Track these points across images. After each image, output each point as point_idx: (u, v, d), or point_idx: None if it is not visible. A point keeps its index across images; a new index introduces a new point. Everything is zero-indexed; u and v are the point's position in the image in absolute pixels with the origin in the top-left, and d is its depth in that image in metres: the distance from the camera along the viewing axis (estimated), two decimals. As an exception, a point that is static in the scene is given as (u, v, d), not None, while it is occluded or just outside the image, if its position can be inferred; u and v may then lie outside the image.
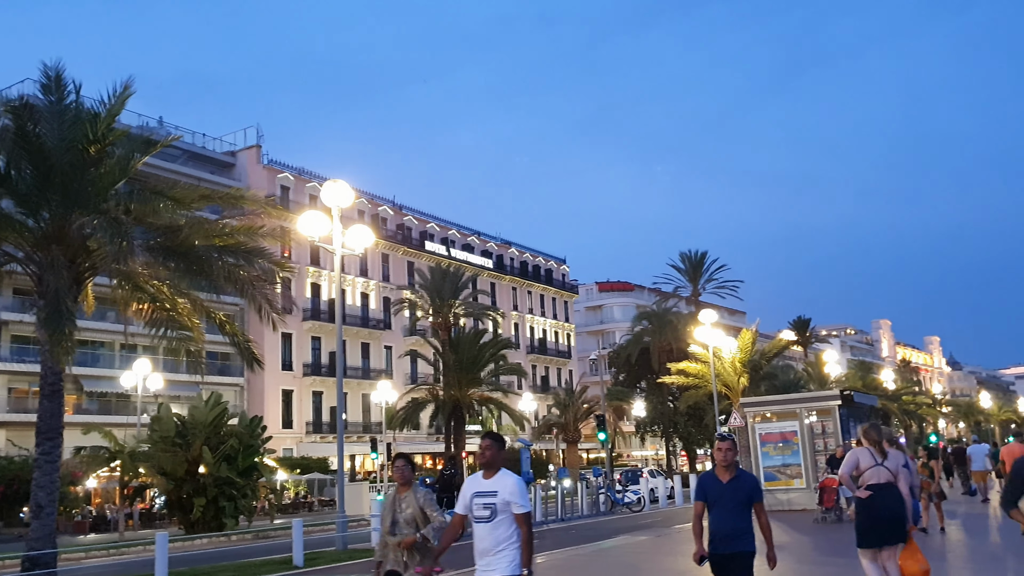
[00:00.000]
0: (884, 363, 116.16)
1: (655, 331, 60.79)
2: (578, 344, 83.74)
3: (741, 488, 6.43)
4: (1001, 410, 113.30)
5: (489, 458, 5.90)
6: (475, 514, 5.80)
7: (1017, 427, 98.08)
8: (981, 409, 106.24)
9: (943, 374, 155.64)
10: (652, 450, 76.15)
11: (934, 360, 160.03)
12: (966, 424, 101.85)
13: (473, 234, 72.51)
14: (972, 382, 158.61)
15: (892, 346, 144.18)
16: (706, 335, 37.65)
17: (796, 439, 23.65)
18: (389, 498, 7.03)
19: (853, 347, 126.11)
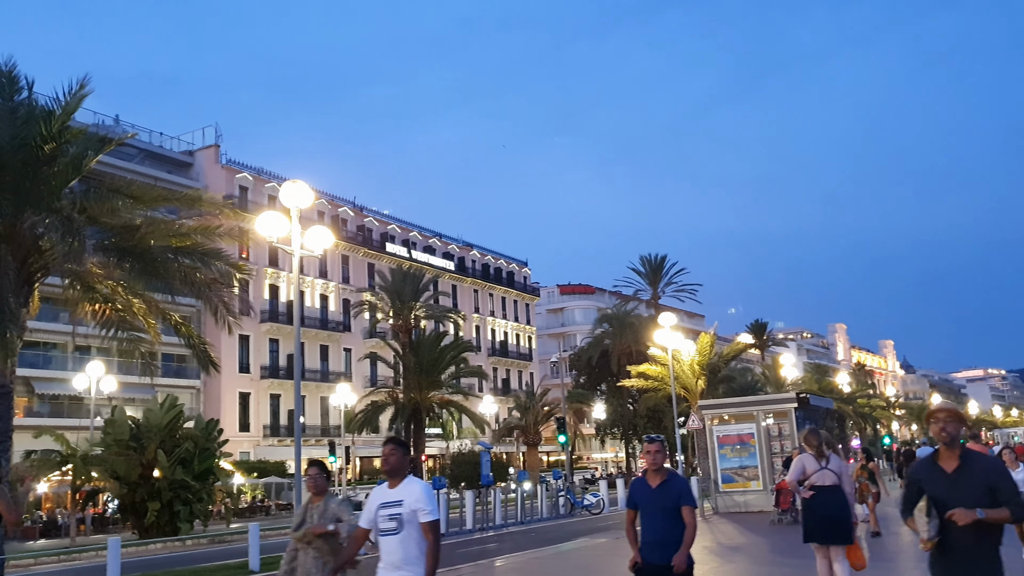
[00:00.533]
0: (840, 366, 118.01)
1: (615, 334, 61.13)
2: (539, 347, 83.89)
3: (670, 493, 6.11)
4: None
5: (393, 464, 5.46)
6: (381, 527, 5.39)
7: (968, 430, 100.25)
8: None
9: (897, 377, 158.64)
10: (612, 452, 76.53)
11: (888, 363, 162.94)
12: (919, 426, 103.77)
13: (434, 236, 72.32)
14: (925, 385, 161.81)
15: (847, 350, 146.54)
16: (665, 338, 37.83)
17: (753, 441, 23.90)
18: (301, 508, 6.73)
19: (809, 350, 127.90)
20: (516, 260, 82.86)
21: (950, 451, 4.78)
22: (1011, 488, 4.68)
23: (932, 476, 4.84)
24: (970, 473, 4.72)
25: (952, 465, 4.76)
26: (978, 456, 4.81)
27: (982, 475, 4.69)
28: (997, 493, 4.63)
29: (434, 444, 55.22)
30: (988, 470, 4.73)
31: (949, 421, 4.80)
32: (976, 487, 4.65)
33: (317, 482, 6.66)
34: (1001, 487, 4.66)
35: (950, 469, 4.76)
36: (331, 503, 6.65)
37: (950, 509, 4.60)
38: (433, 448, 55.58)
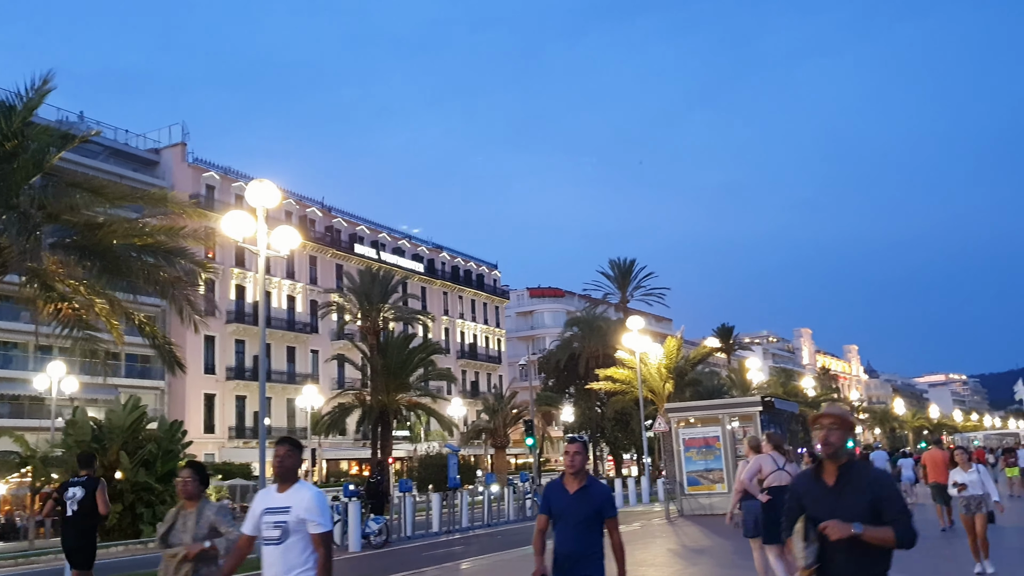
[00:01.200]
0: (805, 370, 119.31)
1: (584, 337, 61.30)
2: (509, 349, 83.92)
3: (589, 501, 5.41)
4: (915, 417, 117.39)
5: (288, 467, 4.97)
6: (264, 534, 4.90)
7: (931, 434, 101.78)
8: (896, 416, 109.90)
9: (861, 382, 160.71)
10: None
11: (852, 368, 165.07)
12: (882, 430, 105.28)
13: (404, 238, 72.08)
14: (888, 389, 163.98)
15: (812, 354, 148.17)
16: (633, 341, 38.04)
17: (718, 444, 24.10)
18: (170, 515, 5.94)
19: (775, 354, 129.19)
20: (486, 263, 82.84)
21: (833, 463, 4.16)
22: (898, 505, 4.05)
23: (813, 491, 4.21)
24: (853, 487, 4.10)
25: (834, 478, 4.16)
26: (863, 467, 4.19)
27: (867, 489, 4.06)
28: (882, 510, 4.02)
29: (402, 446, 55.01)
30: (874, 483, 4.08)
31: (833, 428, 4.17)
32: (859, 503, 4.03)
33: (188, 487, 5.79)
34: (887, 503, 4.04)
35: (832, 483, 4.15)
36: (206, 511, 5.81)
37: None
38: (401, 450, 55.36)
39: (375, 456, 40.57)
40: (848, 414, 4.37)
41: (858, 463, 4.20)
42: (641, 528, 21.50)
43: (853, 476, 4.14)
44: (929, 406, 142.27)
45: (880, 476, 4.17)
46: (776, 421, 26.62)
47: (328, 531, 4.89)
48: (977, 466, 11.86)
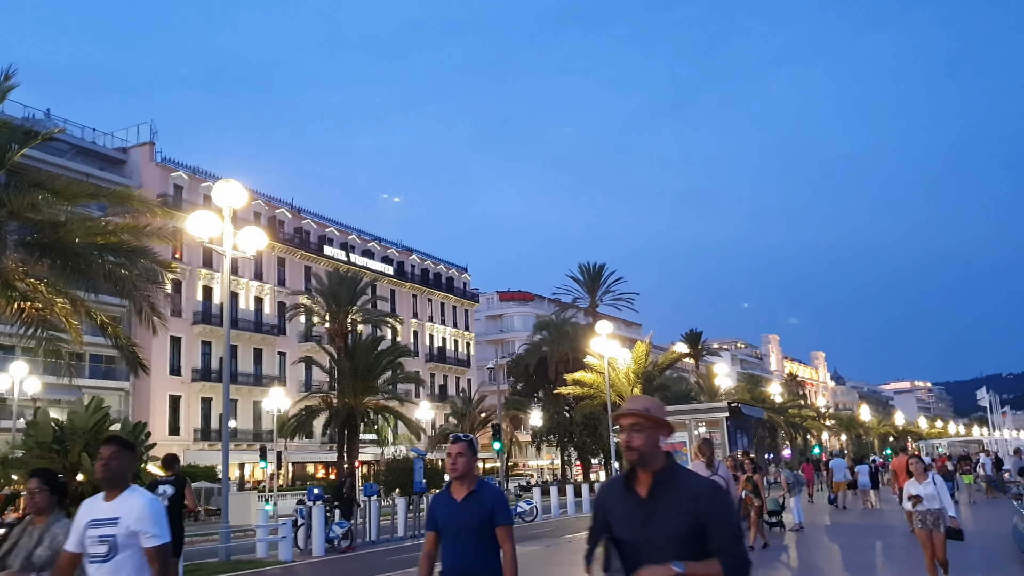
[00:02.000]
0: (772, 377, 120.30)
1: (553, 341, 61.38)
2: (478, 353, 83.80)
3: (478, 508, 4.67)
4: (880, 423, 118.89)
5: (114, 471, 4.27)
6: (89, 551, 4.19)
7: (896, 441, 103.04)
8: (862, 422, 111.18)
9: (827, 388, 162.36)
10: (548, 460, 76.75)
11: (819, 375, 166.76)
12: (848, 436, 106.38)
13: (373, 240, 71.75)
14: (854, 396, 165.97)
15: (780, 360, 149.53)
16: (602, 346, 38.18)
17: (685, 450, 24.17)
18: (15, 531, 5.20)
19: (743, 360, 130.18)
20: (456, 266, 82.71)
21: (646, 472, 3.25)
22: (728, 530, 3.12)
23: (620, 506, 3.29)
24: (670, 503, 3.17)
25: (647, 489, 3.24)
26: (685, 477, 3.24)
27: (687, 506, 3.13)
28: (707, 533, 3.11)
29: (368, 450, 54.69)
30: (698, 499, 3.14)
31: (636, 429, 3.25)
32: (677, 523, 3.13)
33: (36, 499, 5.03)
34: (714, 526, 3.11)
35: (645, 495, 3.24)
36: (55, 527, 4.96)
37: (639, 553, 3.16)
38: (368, 454, 55.03)
39: (341, 460, 40.29)
40: (656, 407, 3.35)
41: (679, 472, 3.26)
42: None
43: (670, 488, 3.20)
44: (895, 413, 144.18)
45: (706, 490, 3.19)
46: (743, 427, 26.81)
47: (164, 543, 4.22)
48: (934, 477, 10.71)
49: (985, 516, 23.17)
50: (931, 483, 10.51)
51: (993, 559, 14.53)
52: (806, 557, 15.74)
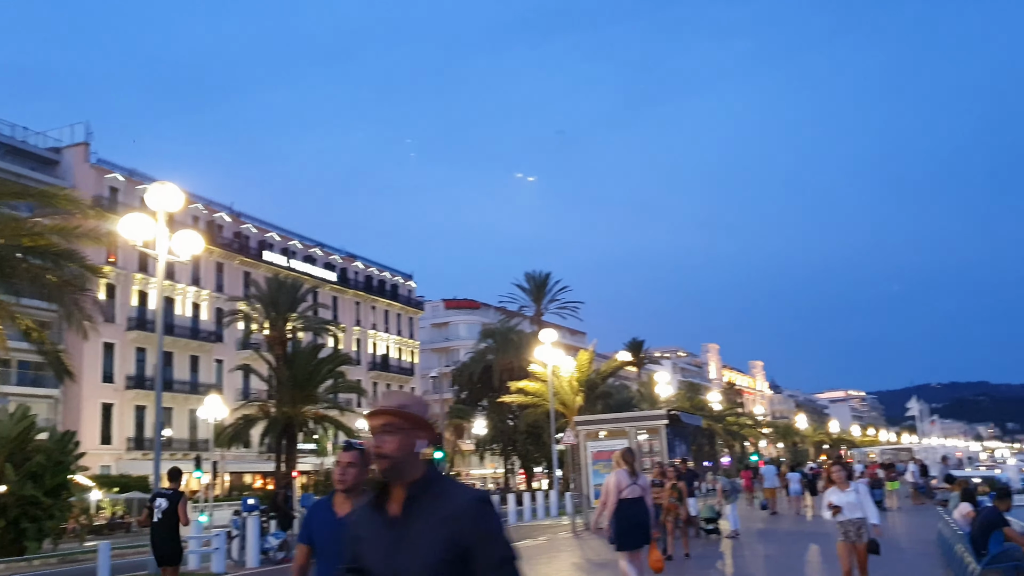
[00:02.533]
0: (712, 385, 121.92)
1: (499, 349, 61.32)
2: (422, 361, 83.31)
3: None
4: (816, 431, 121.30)
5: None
6: None
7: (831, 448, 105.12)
8: (798, 430, 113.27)
9: (765, 397, 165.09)
10: (491, 468, 76.62)
11: (757, 383, 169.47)
12: (784, 444, 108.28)
13: (316, 245, 70.88)
14: (791, 405, 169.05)
15: (719, 369, 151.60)
16: (546, 354, 38.22)
17: (625, 457, 24.29)
18: None
19: (684, 369, 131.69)
20: (401, 273, 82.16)
21: (399, 485, 2.69)
22: (499, 550, 2.61)
23: (370, 529, 2.73)
24: (426, 521, 2.62)
25: (400, 507, 2.69)
26: (449, 489, 2.68)
27: (448, 524, 2.59)
28: (473, 558, 2.58)
29: (308, 460, 53.93)
30: (460, 514, 2.61)
31: (387, 433, 2.69)
32: (434, 547, 2.58)
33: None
34: (480, 546, 2.59)
35: (397, 513, 2.69)
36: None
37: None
38: (307, 464, 54.25)
39: (279, 469, 39.63)
40: (417, 404, 2.78)
41: (439, 483, 2.70)
42: (547, 542, 21.50)
43: (427, 504, 2.64)
44: (829, 421, 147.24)
45: (469, 505, 2.63)
46: (681, 435, 27.08)
47: None
48: (856, 485, 10.23)
49: (911, 522, 23.75)
50: (853, 491, 9.96)
51: (918, 565, 14.85)
52: (740, 564, 15.92)
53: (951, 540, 13.59)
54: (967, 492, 15.68)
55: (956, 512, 14.93)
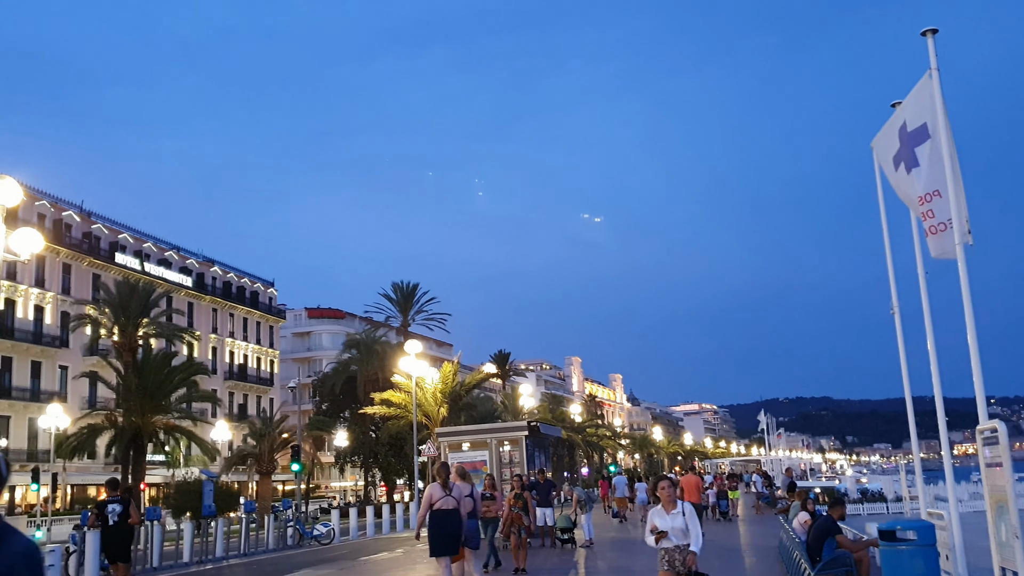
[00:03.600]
0: (574, 397, 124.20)
1: (363, 360, 60.42)
2: (283, 371, 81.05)
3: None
4: (670, 443, 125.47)
5: None
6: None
7: (684, 460, 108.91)
8: (654, 442, 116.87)
9: (624, 409, 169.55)
10: (352, 481, 75.33)
11: (616, 396, 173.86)
12: (641, 455, 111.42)
13: (172, 248, 67.97)
14: (648, 417, 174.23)
15: (581, 381, 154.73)
16: (411, 365, 37.99)
17: (485, 468, 24.36)
18: None
19: (548, 381, 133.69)
20: (262, 280, 79.85)
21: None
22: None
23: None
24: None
25: None
26: None
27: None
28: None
29: (158, 472, 51.50)
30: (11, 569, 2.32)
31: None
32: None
33: None
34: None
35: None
36: None
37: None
38: (156, 476, 51.81)
39: (126, 482, 37.61)
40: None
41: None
42: (403, 554, 21.31)
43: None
44: (684, 433, 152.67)
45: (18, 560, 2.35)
46: (541, 445, 27.42)
47: None
48: (683, 505, 8.31)
49: (755, 531, 24.87)
50: (680, 513, 8.15)
51: (759, 571, 15.55)
52: (592, 574, 16.22)
53: (790, 547, 14.32)
54: (806, 501, 16.56)
55: (795, 521, 15.73)
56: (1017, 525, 6.65)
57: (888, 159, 10.84)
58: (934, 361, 11.62)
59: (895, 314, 13.46)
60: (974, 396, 9.46)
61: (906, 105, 10.19)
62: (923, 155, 9.44)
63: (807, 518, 14.32)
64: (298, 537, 29.55)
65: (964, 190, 9.12)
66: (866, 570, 11.20)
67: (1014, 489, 7.03)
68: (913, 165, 9.69)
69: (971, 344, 8.95)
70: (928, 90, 9.43)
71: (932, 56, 9.52)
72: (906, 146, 9.86)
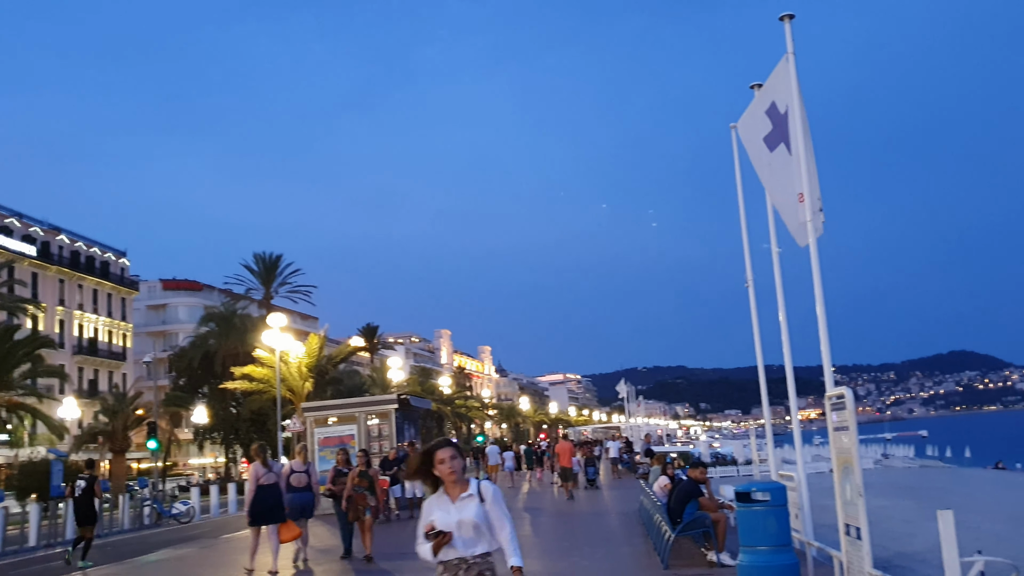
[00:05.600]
0: (443, 370, 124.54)
1: (222, 334, 58.50)
2: (136, 345, 77.35)
3: None
4: (536, 412, 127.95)
5: None
6: None
7: (550, 428, 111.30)
8: (521, 412, 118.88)
9: (492, 380, 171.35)
10: (211, 458, 73.07)
11: (485, 367, 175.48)
12: (508, 425, 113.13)
13: (12, 215, 63.44)
14: (515, 388, 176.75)
15: (451, 354, 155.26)
16: (275, 339, 37.08)
17: (353, 443, 24.14)
18: None
19: (417, 354, 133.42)
20: (113, 249, 75.72)
21: None
22: None
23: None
24: None
25: None
26: None
27: None
28: None
29: (0, 452, 48.43)
30: None
31: None
32: None
33: None
34: None
35: None
36: None
37: None
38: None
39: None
40: None
41: None
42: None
43: None
44: (549, 403, 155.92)
45: None
46: (411, 418, 27.40)
47: None
48: (480, 487, 4.57)
49: (618, 496, 25.77)
50: (473, 498, 4.55)
51: (619, 534, 16.13)
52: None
53: (651, 511, 14.90)
54: (665, 466, 17.23)
55: (656, 485, 16.36)
56: (861, 484, 7.15)
57: (758, 139, 11.27)
58: (785, 332, 12.30)
59: (749, 287, 14.15)
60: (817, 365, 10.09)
61: (769, 86, 10.62)
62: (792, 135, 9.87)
63: (667, 482, 14.90)
64: (156, 516, 28.52)
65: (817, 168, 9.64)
66: (723, 530, 11.78)
67: (858, 451, 7.54)
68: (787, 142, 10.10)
69: (820, 317, 9.51)
70: (786, 73, 9.87)
71: (789, 41, 9.96)
72: (780, 126, 10.29)
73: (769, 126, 10.74)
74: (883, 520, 21.46)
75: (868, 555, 7.10)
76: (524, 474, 35.36)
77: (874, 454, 66.84)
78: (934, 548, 6.93)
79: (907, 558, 16.23)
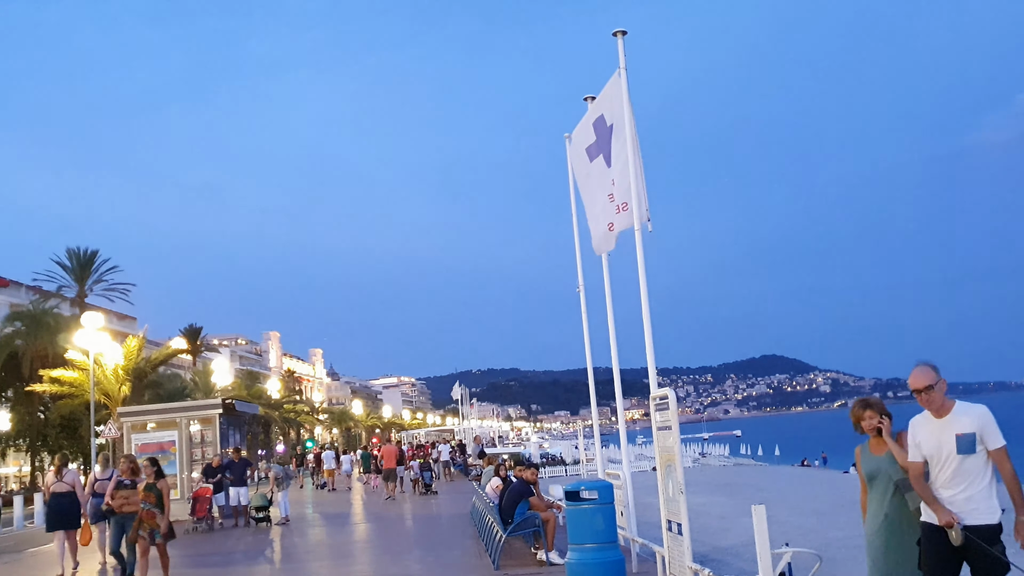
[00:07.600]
0: (271, 373, 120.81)
1: (30, 334, 54.22)
2: (-74, 346, 70.51)
3: None
4: (369, 416, 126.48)
5: None
6: None
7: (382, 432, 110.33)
8: (353, 416, 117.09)
9: (324, 384, 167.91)
10: (16, 467, 67.62)
11: (316, 370, 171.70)
12: (339, 429, 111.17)
13: None
14: (348, 391, 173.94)
15: (280, 357, 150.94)
16: (89, 340, 34.81)
17: (174, 449, 23.10)
18: None
19: (243, 357, 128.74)
20: (-99, 241, 68.80)
21: None
22: None
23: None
24: None
25: None
26: None
27: None
28: None
29: None
30: None
31: None
32: None
33: None
34: None
35: None
36: None
37: None
38: None
39: None
40: None
41: None
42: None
43: None
44: (383, 406, 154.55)
45: None
46: (236, 424, 26.47)
47: None
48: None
49: (450, 499, 25.91)
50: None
51: (451, 537, 16.24)
52: (287, 551, 16.00)
53: (483, 512, 15.08)
54: (498, 467, 17.49)
55: (488, 486, 16.58)
56: (682, 481, 7.53)
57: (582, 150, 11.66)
58: (613, 336, 12.79)
59: (580, 292, 14.62)
60: (642, 367, 10.55)
61: (601, 99, 11.01)
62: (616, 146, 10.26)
63: (499, 483, 15.13)
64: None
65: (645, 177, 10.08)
66: (552, 529, 12.08)
67: (680, 450, 7.94)
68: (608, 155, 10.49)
69: (645, 323, 9.96)
70: (618, 87, 10.27)
71: (621, 56, 10.37)
72: (603, 138, 10.67)
73: (593, 137, 11.14)
74: (701, 516, 22.70)
75: (688, 550, 7.47)
76: (363, 478, 36.63)
77: (693, 453, 70.51)
78: (747, 542, 7.38)
79: (723, 552, 17.23)
